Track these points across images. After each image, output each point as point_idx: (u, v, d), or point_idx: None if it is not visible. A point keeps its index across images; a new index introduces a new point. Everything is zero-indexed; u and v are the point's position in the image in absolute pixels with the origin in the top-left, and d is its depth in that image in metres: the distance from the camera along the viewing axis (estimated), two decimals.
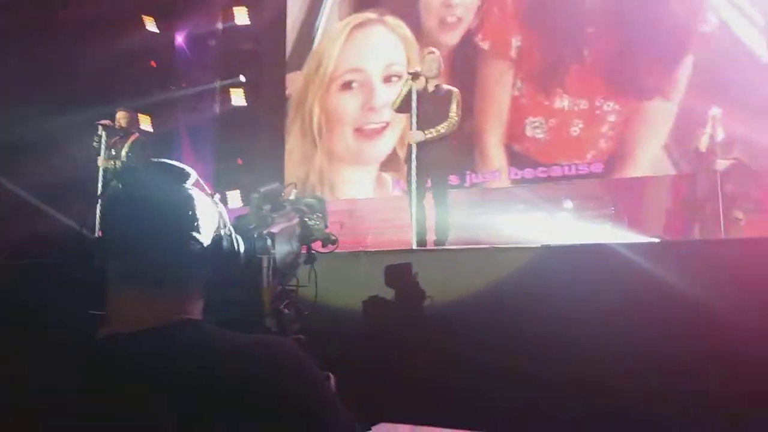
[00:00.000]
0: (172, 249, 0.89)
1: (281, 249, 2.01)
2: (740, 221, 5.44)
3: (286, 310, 2.11)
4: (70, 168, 6.18)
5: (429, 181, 4.92)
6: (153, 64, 9.22)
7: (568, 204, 6.45)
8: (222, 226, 0.95)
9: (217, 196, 1.00)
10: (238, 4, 9.40)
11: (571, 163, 7.10)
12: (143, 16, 9.17)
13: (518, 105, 7.53)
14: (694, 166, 5.74)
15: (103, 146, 5.83)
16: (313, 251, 2.22)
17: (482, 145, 7.69)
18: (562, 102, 7.22)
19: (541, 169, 7.25)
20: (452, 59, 7.52)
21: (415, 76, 4.86)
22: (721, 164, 5.36)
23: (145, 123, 8.70)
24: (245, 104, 9.37)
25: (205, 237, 0.92)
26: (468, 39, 7.92)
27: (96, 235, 0.93)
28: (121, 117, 5.94)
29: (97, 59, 7.60)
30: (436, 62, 4.99)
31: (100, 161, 5.81)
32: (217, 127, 9.39)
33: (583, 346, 2.98)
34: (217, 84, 9.47)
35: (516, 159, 7.48)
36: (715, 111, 5.44)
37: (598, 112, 7.05)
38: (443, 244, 4.76)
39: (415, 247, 4.60)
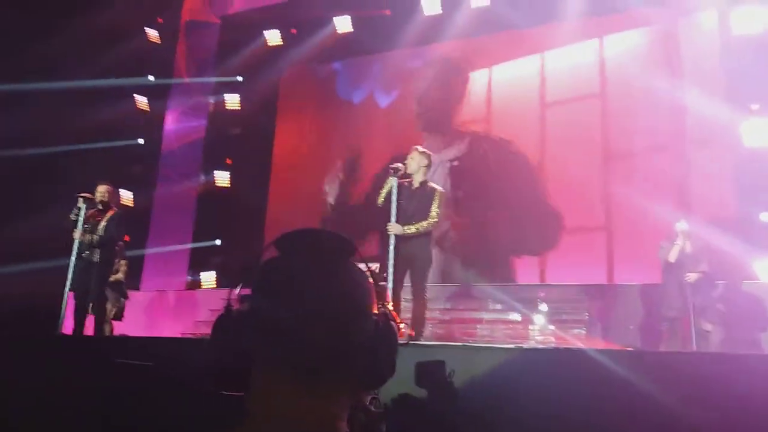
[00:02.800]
0: (338, 333, 0.74)
1: None
2: (709, 333, 5.53)
3: (373, 407, 1.88)
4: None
5: (408, 274, 4.95)
6: (141, 141, 9.35)
7: (543, 307, 6.49)
8: (379, 310, 0.80)
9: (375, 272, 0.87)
10: (231, 91, 9.76)
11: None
12: (135, 94, 9.41)
13: None
14: (664, 277, 5.84)
15: (81, 219, 5.75)
16: None
17: None
18: None
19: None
20: None
21: (395, 171, 4.97)
22: (691, 277, 5.49)
23: (127, 199, 8.71)
24: (229, 185, 9.50)
25: (370, 322, 0.78)
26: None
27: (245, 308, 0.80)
28: (101, 191, 5.87)
29: (84, 130, 7.68)
30: (416, 160, 5.11)
31: (76, 234, 5.70)
32: (198, 206, 9.43)
33: None
34: (202, 166, 9.62)
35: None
36: (682, 224, 5.60)
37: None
38: (418, 339, 4.72)
39: None
